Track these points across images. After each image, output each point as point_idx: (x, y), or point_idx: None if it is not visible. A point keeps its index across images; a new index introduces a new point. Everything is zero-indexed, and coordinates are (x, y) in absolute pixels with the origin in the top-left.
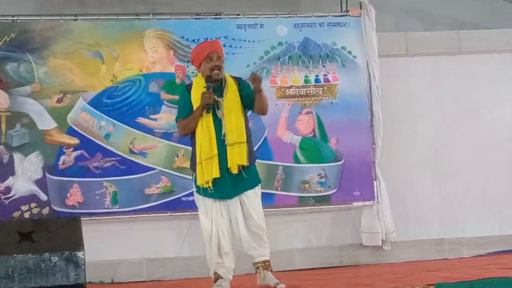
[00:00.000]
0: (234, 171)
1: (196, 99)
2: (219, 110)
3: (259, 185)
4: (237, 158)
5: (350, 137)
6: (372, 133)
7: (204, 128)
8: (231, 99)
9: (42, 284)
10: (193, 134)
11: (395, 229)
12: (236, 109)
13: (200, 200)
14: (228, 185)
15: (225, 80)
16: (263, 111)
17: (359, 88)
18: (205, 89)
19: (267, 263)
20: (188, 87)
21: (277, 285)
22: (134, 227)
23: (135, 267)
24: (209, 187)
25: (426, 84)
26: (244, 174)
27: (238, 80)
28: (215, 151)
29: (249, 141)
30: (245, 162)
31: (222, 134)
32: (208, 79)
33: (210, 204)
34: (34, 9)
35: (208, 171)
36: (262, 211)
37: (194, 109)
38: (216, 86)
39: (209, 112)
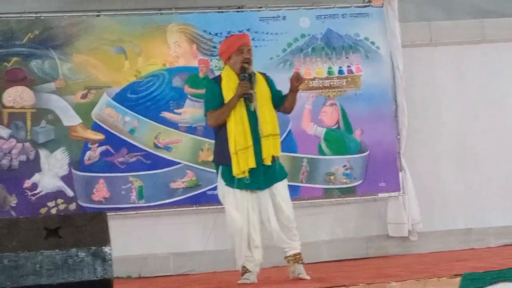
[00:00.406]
0: (268, 162)
1: (227, 91)
2: (251, 103)
3: (286, 178)
4: (272, 149)
5: (374, 128)
6: (396, 124)
7: (238, 120)
8: (262, 92)
9: (69, 279)
10: (220, 127)
11: (422, 219)
12: (268, 102)
13: (230, 194)
14: (261, 177)
15: (253, 73)
16: (290, 111)
17: (383, 78)
18: (238, 81)
19: (298, 256)
20: (217, 80)
21: (300, 275)
22: (160, 222)
23: (162, 262)
24: (245, 177)
25: (450, 74)
26: (276, 166)
27: (264, 75)
28: (250, 142)
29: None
30: (279, 153)
31: (257, 126)
32: (243, 70)
33: (241, 197)
34: (58, 6)
35: (244, 161)
36: (291, 203)
37: (225, 101)
38: (247, 80)
39: (250, 102)
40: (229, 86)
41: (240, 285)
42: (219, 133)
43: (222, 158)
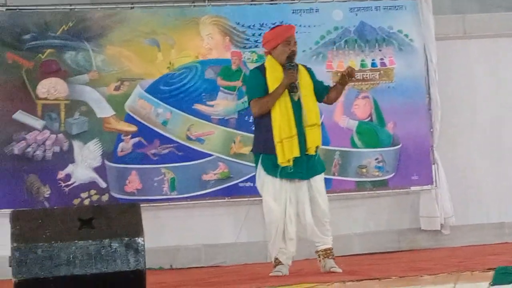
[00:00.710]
0: (312, 152)
1: (272, 81)
2: (295, 93)
3: (324, 171)
4: (317, 139)
5: (407, 121)
6: (429, 117)
7: (283, 109)
8: (305, 82)
9: (102, 270)
10: (262, 116)
11: (454, 213)
12: (311, 92)
13: (270, 184)
14: (304, 166)
15: (296, 64)
16: (333, 102)
17: (416, 71)
18: (283, 71)
19: (329, 251)
20: (261, 69)
21: (331, 268)
22: (192, 213)
23: (194, 253)
24: (289, 165)
25: (484, 67)
26: (317, 158)
27: (305, 67)
28: (295, 131)
29: None
30: (320, 144)
31: (301, 116)
32: (289, 59)
33: (280, 187)
34: None
35: (289, 150)
36: (327, 198)
37: (270, 90)
38: (296, 81)
39: (294, 91)
40: (274, 76)
41: (272, 277)
42: (261, 122)
43: (264, 147)
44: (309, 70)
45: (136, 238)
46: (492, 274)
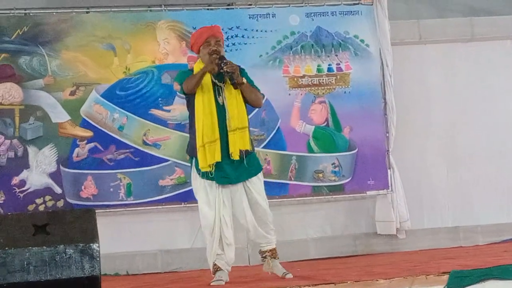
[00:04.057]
0: (236, 157)
1: None
2: (220, 96)
3: (261, 172)
4: (240, 143)
5: (363, 126)
6: (385, 122)
7: (207, 112)
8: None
9: (57, 276)
10: (192, 119)
11: (410, 217)
12: (237, 95)
13: (202, 189)
14: (231, 171)
15: (225, 62)
16: (256, 104)
17: (372, 76)
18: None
19: (274, 252)
20: (191, 70)
21: (285, 275)
22: (149, 219)
23: (150, 259)
24: (210, 171)
25: (439, 72)
26: (246, 160)
27: (239, 67)
28: (217, 135)
29: (249, 128)
30: (248, 147)
31: (226, 119)
32: (221, 58)
33: (213, 192)
34: (47, 2)
35: (211, 155)
36: (266, 197)
37: (196, 98)
38: (217, 72)
39: (218, 95)
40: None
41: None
42: (193, 125)
43: (193, 150)
44: (241, 71)
45: (91, 244)
46: (447, 278)
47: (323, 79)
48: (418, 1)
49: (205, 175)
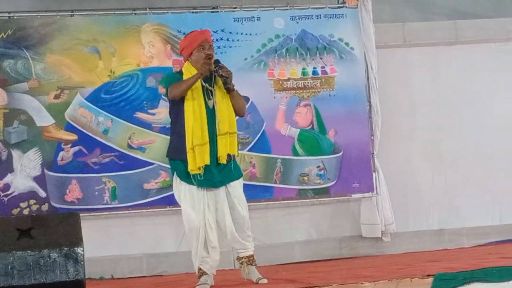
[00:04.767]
0: (223, 161)
1: None
2: (210, 100)
3: (242, 178)
4: (229, 148)
5: (348, 129)
6: (370, 125)
7: (197, 115)
8: (222, 89)
9: (41, 280)
10: (176, 121)
11: (395, 220)
12: (226, 100)
13: (187, 192)
14: (216, 174)
15: (218, 66)
16: (240, 113)
17: (357, 79)
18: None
19: (251, 258)
20: (179, 73)
21: (259, 280)
22: (134, 223)
23: (135, 263)
24: (200, 173)
25: (424, 75)
26: (231, 165)
27: None
28: (207, 139)
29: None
30: (236, 152)
31: (215, 123)
32: (217, 62)
33: (197, 195)
34: (31, 5)
35: (201, 157)
36: (246, 203)
37: (185, 100)
38: (207, 76)
39: (209, 98)
40: None
41: None
42: (176, 127)
43: (178, 153)
44: None
45: (76, 248)
46: (431, 281)
47: (308, 82)
48: (402, 4)
49: (186, 179)
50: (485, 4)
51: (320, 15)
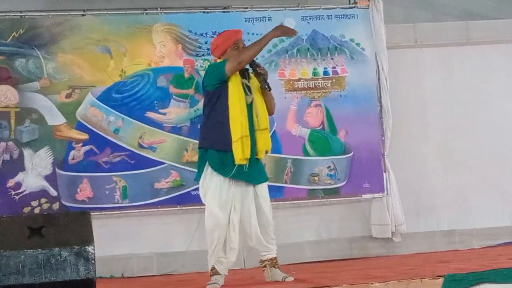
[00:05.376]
0: (261, 156)
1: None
2: (248, 95)
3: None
4: (267, 143)
5: (359, 129)
6: (381, 125)
7: (243, 107)
8: (257, 87)
9: (52, 279)
10: (214, 110)
11: (405, 221)
12: (260, 97)
13: (217, 188)
14: (254, 170)
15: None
16: (271, 111)
17: (368, 80)
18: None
19: (274, 261)
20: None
21: (285, 278)
22: (144, 222)
23: (146, 262)
24: (246, 164)
25: (435, 75)
26: (261, 165)
27: None
28: (248, 132)
29: None
30: (269, 149)
31: (254, 118)
32: (253, 61)
33: (227, 194)
34: (42, 5)
35: (248, 149)
36: (271, 206)
37: (229, 91)
38: (243, 73)
39: (247, 94)
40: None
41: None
42: (213, 117)
43: (215, 142)
44: None
45: (87, 247)
46: (442, 282)
47: (318, 83)
48: (414, 5)
49: (220, 170)
50: (496, 5)
51: (331, 15)
